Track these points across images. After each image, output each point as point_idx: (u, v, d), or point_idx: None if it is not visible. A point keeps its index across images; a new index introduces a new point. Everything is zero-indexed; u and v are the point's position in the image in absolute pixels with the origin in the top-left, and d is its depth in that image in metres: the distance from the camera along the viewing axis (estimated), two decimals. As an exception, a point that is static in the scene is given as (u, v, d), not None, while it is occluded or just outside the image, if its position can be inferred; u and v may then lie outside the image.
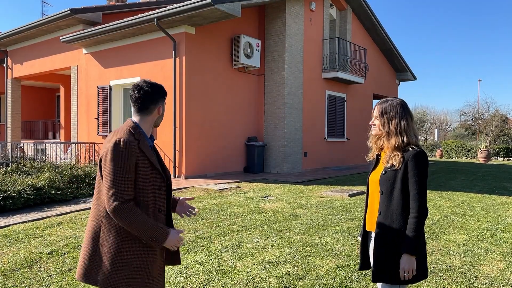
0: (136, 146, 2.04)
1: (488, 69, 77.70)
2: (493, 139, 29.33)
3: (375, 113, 2.35)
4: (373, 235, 2.32)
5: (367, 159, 2.51)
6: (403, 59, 18.67)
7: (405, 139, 2.24)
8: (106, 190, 1.99)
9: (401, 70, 19.34)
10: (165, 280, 3.62)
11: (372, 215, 2.35)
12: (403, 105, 2.31)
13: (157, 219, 2.12)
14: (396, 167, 2.21)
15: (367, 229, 2.39)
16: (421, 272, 2.22)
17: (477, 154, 23.49)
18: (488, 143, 26.69)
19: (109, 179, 1.99)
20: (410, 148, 2.22)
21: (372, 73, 17.10)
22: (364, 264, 2.43)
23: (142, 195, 2.06)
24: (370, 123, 2.40)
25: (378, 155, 2.40)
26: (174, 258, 2.30)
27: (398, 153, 2.23)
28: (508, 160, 24.80)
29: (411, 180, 2.17)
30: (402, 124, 2.26)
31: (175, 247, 2.14)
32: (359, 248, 2.52)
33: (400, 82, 20.04)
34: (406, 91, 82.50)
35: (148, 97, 2.15)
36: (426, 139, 38.04)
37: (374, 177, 2.35)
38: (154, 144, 2.28)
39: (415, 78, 19.94)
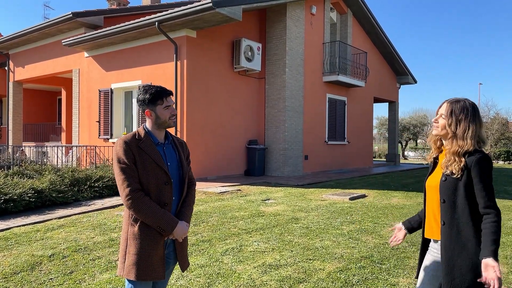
0: (134, 145, 2.20)
1: (489, 73, 77.87)
2: (493, 142, 29.28)
3: (443, 111, 2.15)
4: (432, 243, 2.23)
5: (425, 162, 2.42)
6: (404, 63, 18.69)
7: (470, 145, 2.07)
8: (118, 187, 2.20)
9: (401, 73, 19.35)
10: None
11: (431, 222, 2.21)
12: (475, 109, 2.13)
13: None
14: (456, 175, 2.05)
15: (426, 235, 2.26)
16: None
17: (478, 158, 23.41)
18: (488, 146, 26.66)
19: (116, 178, 2.21)
20: (473, 154, 2.05)
21: (372, 76, 17.12)
22: (419, 272, 2.30)
23: (145, 189, 2.20)
24: (433, 120, 2.24)
25: (436, 158, 2.26)
26: (182, 260, 2.39)
27: (458, 159, 2.06)
28: (509, 163, 24.79)
29: (478, 186, 2.01)
30: (471, 128, 2.09)
31: (180, 239, 2.29)
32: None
33: (401, 86, 20.06)
34: (406, 95, 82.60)
35: (140, 102, 2.31)
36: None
37: (432, 182, 2.19)
38: (176, 144, 2.42)
39: (415, 82, 19.95)
